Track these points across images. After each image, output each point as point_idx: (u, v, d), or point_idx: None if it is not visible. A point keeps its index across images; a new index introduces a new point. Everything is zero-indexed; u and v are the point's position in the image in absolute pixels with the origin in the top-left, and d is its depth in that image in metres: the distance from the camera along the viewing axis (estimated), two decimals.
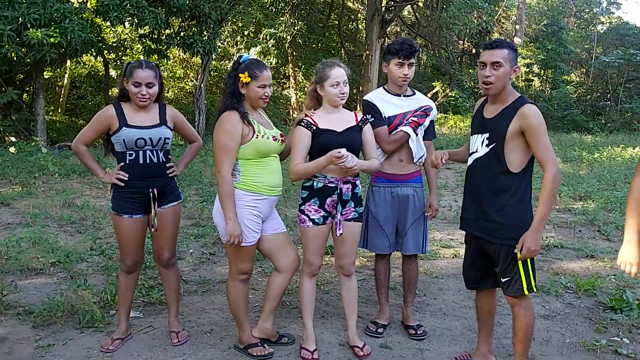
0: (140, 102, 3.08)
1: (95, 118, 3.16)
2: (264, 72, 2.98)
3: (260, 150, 2.97)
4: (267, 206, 3.04)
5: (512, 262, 2.72)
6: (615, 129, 19.31)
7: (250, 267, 3.11)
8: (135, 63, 3.12)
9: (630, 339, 3.49)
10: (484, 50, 2.76)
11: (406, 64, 3.40)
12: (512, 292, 2.76)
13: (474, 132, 2.89)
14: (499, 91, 2.72)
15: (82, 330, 3.43)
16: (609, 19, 29.76)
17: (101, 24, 12.55)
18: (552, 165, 2.61)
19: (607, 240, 5.85)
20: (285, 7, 18.27)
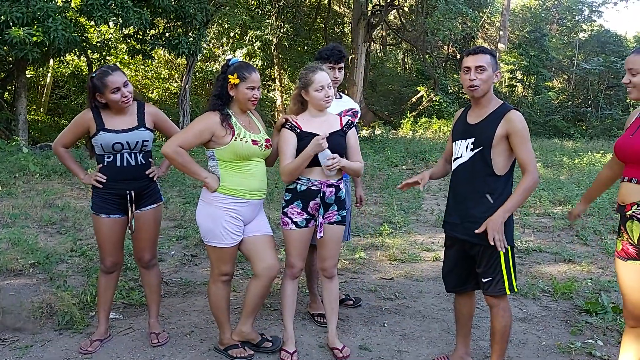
0: (125, 104, 3.07)
1: (74, 121, 3.17)
2: (252, 74, 3.00)
3: (239, 154, 2.96)
4: (248, 210, 3.04)
5: (495, 263, 2.78)
6: (596, 135, 19.60)
7: (231, 269, 3.11)
8: (100, 74, 3.04)
9: (605, 342, 3.56)
10: (467, 56, 2.83)
11: (336, 67, 3.60)
12: (494, 292, 2.81)
13: (457, 139, 2.94)
14: (484, 94, 2.80)
15: (60, 332, 3.41)
16: (591, 27, 30.21)
17: (85, 23, 12.46)
18: (533, 168, 2.72)
19: (584, 244, 5.95)
20: (271, 9, 18.32)
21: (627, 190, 2.51)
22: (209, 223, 2.99)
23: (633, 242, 2.52)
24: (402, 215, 6.97)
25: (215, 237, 2.99)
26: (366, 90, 21.28)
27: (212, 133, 2.94)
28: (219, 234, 2.97)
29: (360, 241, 5.82)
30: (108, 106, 3.12)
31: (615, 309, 3.91)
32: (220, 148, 2.96)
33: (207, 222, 3.00)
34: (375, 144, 14.31)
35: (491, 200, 2.77)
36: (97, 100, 3.09)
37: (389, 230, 6.18)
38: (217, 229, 2.97)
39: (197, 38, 12.11)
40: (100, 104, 3.10)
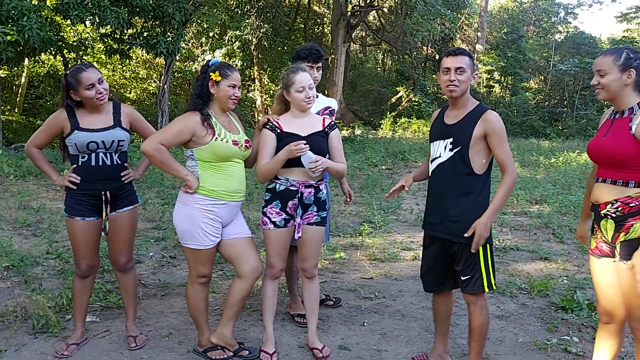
0: (101, 100, 3.03)
1: (47, 122, 3.11)
2: (234, 72, 3.01)
3: (218, 154, 2.94)
4: (226, 211, 3.02)
5: (475, 261, 2.82)
6: (571, 135, 19.93)
7: (209, 270, 3.09)
8: (74, 71, 3.00)
9: (580, 338, 3.62)
10: (447, 57, 2.86)
11: (315, 67, 3.64)
12: (472, 289, 2.84)
13: (435, 139, 2.96)
14: (462, 94, 2.84)
15: (36, 336, 3.35)
16: (566, 29, 30.74)
17: (61, 22, 12.27)
18: (512, 167, 2.78)
19: (560, 242, 6.05)
20: (250, 9, 18.24)
21: (600, 190, 2.56)
22: (186, 224, 2.96)
23: (607, 239, 2.57)
24: (381, 215, 7.01)
25: (192, 239, 2.96)
26: (346, 90, 21.32)
27: (193, 133, 2.92)
28: (196, 236, 2.94)
29: (340, 241, 5.83)
30: (82, 105, 3.07)
31: (590, 306, 3.97)
32: (200, 148, 2.94)
33: (184, 223, 2.97)
34: (355, 144, 14.35)
35: (470, 201, 2.80)
36: (70, 99, 3.04)
37: (369, 230, 6.20)
38: (194, 230, 2.94)
39: (176, 38, 12.00)
40: (74, 102, 3.05)
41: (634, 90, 2.48)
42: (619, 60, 2.46)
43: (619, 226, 2.49)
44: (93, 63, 3.16)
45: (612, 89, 2.48)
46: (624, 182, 2.46)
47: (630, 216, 2.45)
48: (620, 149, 2.44)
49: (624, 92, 2.48)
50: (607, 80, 2.48)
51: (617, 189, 2.48)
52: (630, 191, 2.45)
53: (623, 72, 2.45)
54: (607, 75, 2.48)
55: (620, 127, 2.48)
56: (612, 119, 2.56)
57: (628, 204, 2.45)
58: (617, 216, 2.48)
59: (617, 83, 2.47)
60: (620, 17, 29.77)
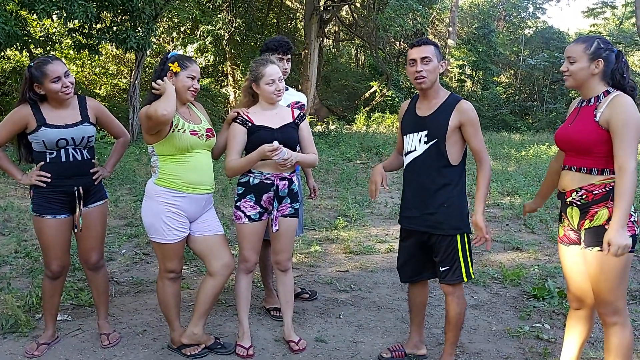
0: (67, 94, 2.93)
1: (9, 118, 2.96)
2: (193, 64, 2.96)
3: (178, 145, 2.86)
4: (190, 204, 2.94)
5: (453, 252, 2.83)
6: (541, 128, 20.31)
7: (176, 266, 3.02)
8: (39, 63, 2.89)
9: (551, 325, 3.70)
10: (411, 48, 2.84)
11: (285, 59, 3.60)
12: (451, 279, 2.86)
13: (408, 132, 2.93)
14: (432, 84, 2.82)
15: (5, 336, 3.27)
16: (535, 24, 31.23)
17: (27, 16, 11.96)
18: (486, 156, 2.82)
19: (532, 233, 6.16)
20: (222, 4, 18.04)
21: (566, 178, 2.60)
22: (151, 218, 2.92)
23: (573, 227, 2.61)
24: (356, 208, 7.03)
25: (156, 233, 2.92)
26: (320, 85, 21.31)
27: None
28: (160, 229, 2.90)
29: (316, 235, 5.83)
30: (46, 99, 2.97)
31: (561, 294, 4.06)
32: (159, 142, 2.88)
33: (149, 217, 2.93)
34: (329, 139, 14.36)
35: (448, 192, 2.81)
36: (34, 92, 2.92)
37: (344, 224, 6.22)
38: (157, 224, 2.89)
39: (146, 32, 11.78)
40: (37, 96, 2.93)
41: (601, 79, 2.52)
42: (589, 49, 2.49)
43: (583, 213, 2.53)
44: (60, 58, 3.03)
45: (580, 77, 2.52)
46: (588, 169, 2.50)
47: (594, 203, 2.49)
48: (585, 136, 2.48)
49: (590, 81, 2.52)
50: (576, 67, 2.51)
51: (582, 177, 2.52)
52: (594, 179, 2.49)
53: (592, 61, 2.49)
54: (576, 62, 2.51)
55: (585, 115, 2.53)
56: (579, 107, 2.60)
57: (592, 191, 2.49)
58: (582, 204, 2.53)
59: (584, 71, 2.50)
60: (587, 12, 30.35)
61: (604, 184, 2.47)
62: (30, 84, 2.92)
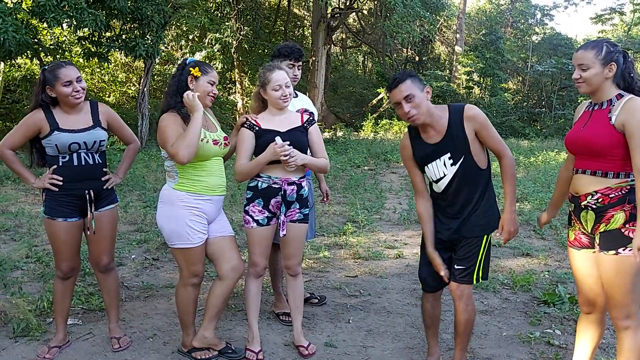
0: (77, 99, 2.97)
1: (24, 122, 3.01)
2: (212, 70, 3.02)
3: (200, 155, 2.90)
4: (210, 207, 3.00)
5: (475, 251, 2.79)
6: (550, 135, 20.21)
7: (201, 269, 3.04)
8: (53, 67, 2.96)
9: (562, 331, 3.67)
10: (390, 92, 2.75)
11: (296, 65, 3.65)
12: (463, 280, 2.81)
13: (428, 162, 2.82)
14: (427, 117, 2.73)
15: (16, 339, 3.29)
16: (543, 30, 31.17)
17: (38, 25, 12.08)
18: (507, 150, 2.79)
19: (541, 239, 6.12)
20: (230, 11, 18.17)
21: (580, 182, 2.59)
22: (172, 224, 2.92)
23: (587, 231, 2.60)
24: (365, 214, 7.03)
25: (180, 239, 2.92)
26: (327, 92, 21.37)
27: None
28: (184, 235, 2.91)
29: (325, 240, 5.83)
30: (57, 103, 3.01)
31: (572, 299, 4.03)
32: None
33: (170, 223, 2.93)
34: (337, 146, 14.38)
35: (481, 196, 2.79)
36: (45, 94, 2.97)
37: (353, 229, 6.22)
38: (182, 229, 2.90)
39: (155, 40, 11.90)
40: (49, 99, 2.98)
41: (612, 82, 2.52)
42: (600, 54, 2.48)
43: (599, 217, 2.52)
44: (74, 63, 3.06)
45: (594, 82, 2.51)
46: (603, 172, 2.50)
47: (611, 207, 2.48)
48: (600, 139, 2.47)
49: (604, 85, 2.52)
50: (590, 74, 2.50)
51: (597, 180, 2.52)
52: (610, 182, 2.49)
53: (605, 66, 2.48)
54: (590, 69, 2.49)
55: (599, 118, 2.52)
56: (591, 111, 2.60)
57: (608, 195, 2.48)
58: (598, 207, 2.52)
59: (599, 77, 2.49)
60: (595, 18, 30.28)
61: (620, 187, 2.46)
62: (43, 86, 2.98)
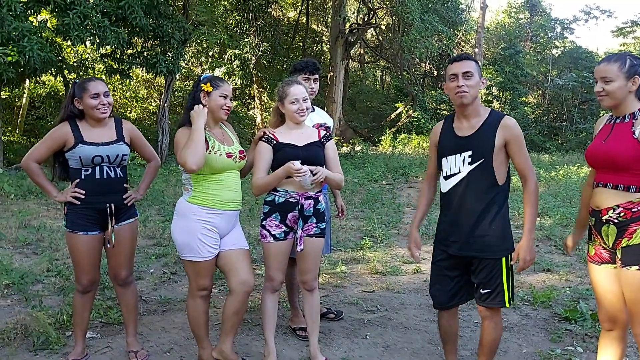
0: (102, 113, 3.05)
1: (50, 135, 3.10)
2: (225, 84, 3.04)
3: (213, 167, 2.93)
4: (223, 221, 3.01)
5: (497, 274, 2.71)
6: (571, 149, 19.99)
7: (209, 283, 3.06)
8: (83, 80, 3.09)
9: (584, 348, 3.59)
10: (452, 63, 2.73)
11: (312, 78, 3.70)
12: (492, 303, 2.74)
13: (448, 154, 2.78)
14: (473, 100, 2.70)
15: (36, 352, 3.33)
16: (563, 44, 30.96)
17: (62, 43, 12.38)
18: (533, 174, 2.71)
19: (562, 254, 6.02)
20: (249, 28, 18.40)
21: (601, 196, 2.55)
22: (185, 237, 2.95)
23: (608, 246, 2.56)
24: (382, 229, 6.99)
25: (191, 251, 2.95)
26: (345, 107, 21.43)
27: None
28: (195, 248, 2.93)
29: (342, 255, 5.81)
30: (84, 116, 3.10)
31: (594, 316, 3.94)
32: None
33: (183, 236, 2.96)
34: (355, 160, 14.38)
35: (494, 213, 2.68)
36: (73, 105, 3.07)
37: (370, 244, 6.19)
38: (193, 242, 2.93)
39: (176, 57, 12.11)
40: (76, 111, 3.08)
41: (635, 96, 2.49)
42: (624, 67, 2.46)
43: (621, 232, 2.47)
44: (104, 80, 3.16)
45: (618, 95, 2.48)
46: (625, 186, 2.46)
47: (633, 221, 2.44)
48: (623, 152, 2.43)
49: (627, 98, 2.49)
50: (613, 87, 2.47)
51: (619, 194, 2.47)
52: (632, 196, 2.44)
53: (628, 79, 2.46)
54: (613, 82, 2.46)
55: (622, 132, 2.48)
56: (613, 124, 2.56)
57: (630, 209, 2.44)
58: (620, 222, 2.47)
59: (622, 90, 2.47)
60: (616, 31, 30.02)
61: None
62: (72, 98, 3.09)
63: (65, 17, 9.28)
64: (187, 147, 2.84)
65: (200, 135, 2.86)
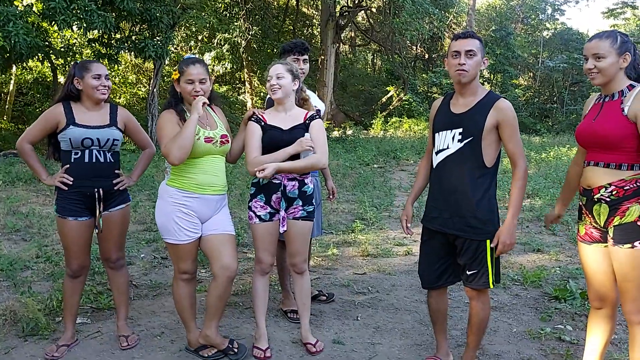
0: (102, 94, 3.05)
1: (44, 116, 3.09)
2: (190, 66, 2.92)
3: (192, 151, 2.86)
4: (201, 205, 2.96)
5: (482, 256, 2.71)
6: (562, 130, 20.06)
7: (190, 267, 3.03)
8: (84, 62, 3.11)
9: (574, 326, 3.62)
10: (456, 40, 2.70)
11: (301, 59, 3.65)
12: (477, 284, 2.75)
13: (441, 129, 2.79)
14: (472, 79, 2.68)
15: (25, 338, 3.30)
16: (554, 25, 30.90)
17: (48, 28, 12.18)
18: (523, 161, 2.66)
19: (552, 235, 6.06)
20: (239, 12, 18.21)
21: (593, 174, 2.53)
22: (162, 218, 2.95)
23: (599, 225, 2.55)
24: (374, 211, 6.99)
25: (169, 233, 2.94)
26: (337, 91, 21.33)
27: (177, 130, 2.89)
28: (172, 230, 2.92)
29: (333, 238, 5.81)
30: (80, 99, 3.08)
31: (584, 295, 3.98)
32: None
33: (161, 217, 2.96)
34: (346, 144, 14.35)
35: (481, 194, 2.67)
36: (73, 85, 3.05)
37: (361, 227, 6.19)
38: (169, 224, 2.91)
39: (164, 41, 11.93)
40: (75, 91, 3.06)
41: (624, 73, 2.48)
42: (615, 44, 2.43)
43: (613, 210, 2.46)
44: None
45: (610, 72, 2.45)
46: (617, 164, 2.44)
47: (625, 199, 2.43)
48: (613, 130, 2.42)
49: (617, 75, 2.47)
50: (605, 63, 2.44)
51: (610, 172, 2.46)
52: (624, 174, 2.43)
53: (620, 56, 2.44)
54: (605, 58, 2.43)
55: (611, 110, 2.47)
56: (602, 103, 2.55)
57: (622, 187, 2.43)
58: (612, 200, 2.46)
59: (614, 67, 2.44)
60: (606, 12, 29.97)
61: (635, 179, 2.42)
62: (72, 79, 3.07)
63: (51, 1, 9.10)
64: (175, 140, 2.80)
65: (190, 130, 2.82)
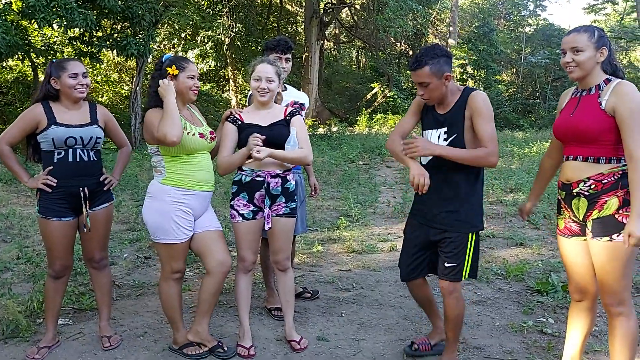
0: (80, 93, 3.01)
1: (22, 116, 3.03)
2: (190, 64, 2.99)
3: (186, 147, 2.90)
4: (197, 202, 2.98)
5: (462, 249, 2.76)
6: (544, 125, 20.21)
7: (182, 265, 3.03)
8: (61, 60, 3.06)
9: (555, 319, 3.66)
10: (411, 72, 2.77)
11: (284, 58, 3.64)
12: (451, 276, 2.80)
13: (428, 128, 2.87)
14: (440, 98, 2.76)
15: (5, 341, 3.26)
16: (536, 21, 31.18)
17: (28, 26, 12.01)
18: (493, 147, 2.63)
19: (535, 228, 6.12)
20: (222, 9, 18.09)
21: (571, 169, 2.55)
22: (158, 219, 2.91)
23: (578, 219, 2.57)
24: (358, 208, 7.01)
25: (165, 234, 2.91)
26: (321, 88, 21.33)
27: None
28: (169, 230, 2.89)
29: (318, 235, 5.81)
30: (59, 99, 3.04)
31: (565, 288, 4.02)
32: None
33: (156, 218, 2.92)
34: (332, 141, 14.36)
35: (466, 190, 2.75)
36: (50, 85, 3.00)
37: (346, 223, 6.20)
38: (167, 224, 2.89)
39: (147, 39, 11.82)
40: (53, 91, 3.01)
41: (601, 67, 2.50)
42: (593, 38, 2.46)
43: (592, 204, 2.48)
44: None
45: (587, 66, 2.47)
46: (595, 158, 2.47)
47: (603, 193, 2.45)
48: (591, 124, 2.44)
49: (595, 70, 2.49)
50: (583, 57, 2.46)
51: (589, 166, 2.48)
52: (602, 167, 2.46)
53: (597, 50, 2.46)
54: (583, 52, 2.46)
55: (589, 104, 2.49)
56: (579, 97, 2.57)
57: (601, 180, 2.46)
58: (590, 194, 2.48)
59: (592, 61, 2.46)
60: (587, 8, 30.31)
61: (613, 173, 2.44)
62: (48, 78, 3.01)
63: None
64: (164, 120, 2.79)
65: (175, 108, 2.82)
